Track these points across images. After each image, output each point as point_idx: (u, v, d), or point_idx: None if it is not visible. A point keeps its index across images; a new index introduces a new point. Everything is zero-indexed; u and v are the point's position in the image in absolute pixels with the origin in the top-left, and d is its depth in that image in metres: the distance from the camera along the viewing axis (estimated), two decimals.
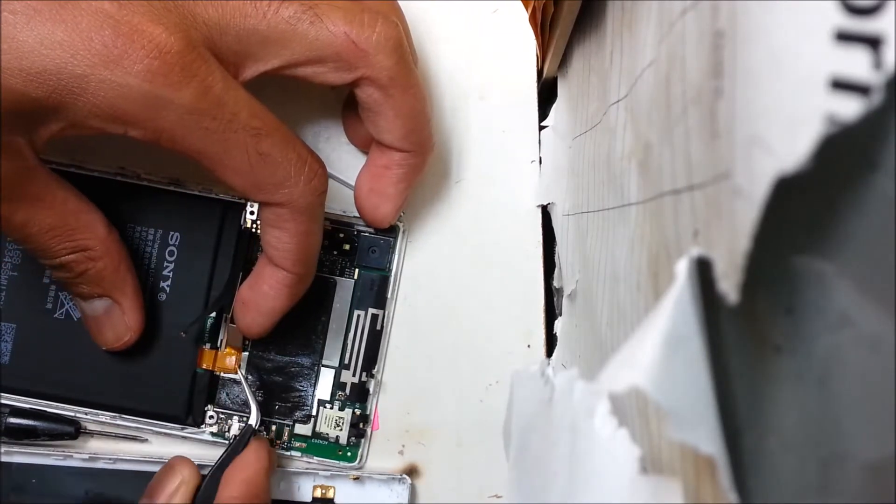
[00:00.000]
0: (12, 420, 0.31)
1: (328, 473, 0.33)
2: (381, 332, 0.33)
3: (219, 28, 0.25)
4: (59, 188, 0.27)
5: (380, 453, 0.34)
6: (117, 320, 0.30)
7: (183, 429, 0.32)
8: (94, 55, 0.23)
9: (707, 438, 0.15)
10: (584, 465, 0.18)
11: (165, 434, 0.32)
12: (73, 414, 0.32)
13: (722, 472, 0.15)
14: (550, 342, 0.35)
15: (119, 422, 0.32)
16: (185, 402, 0.32)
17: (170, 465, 0.30)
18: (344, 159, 0.34)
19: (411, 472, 0.34)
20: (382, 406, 0.34)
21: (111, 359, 0.31)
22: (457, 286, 0.35)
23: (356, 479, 0.33)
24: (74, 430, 0.32)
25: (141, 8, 0.24)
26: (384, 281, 0.33)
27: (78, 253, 0.27)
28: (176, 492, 0.29)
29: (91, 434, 0.32)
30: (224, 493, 0.29)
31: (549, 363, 0.34)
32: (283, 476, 0.33)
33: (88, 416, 0.32)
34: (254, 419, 0.31)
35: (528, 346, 0.35)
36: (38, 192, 0.26)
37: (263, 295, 0.29)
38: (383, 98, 0.28)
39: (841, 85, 0.11)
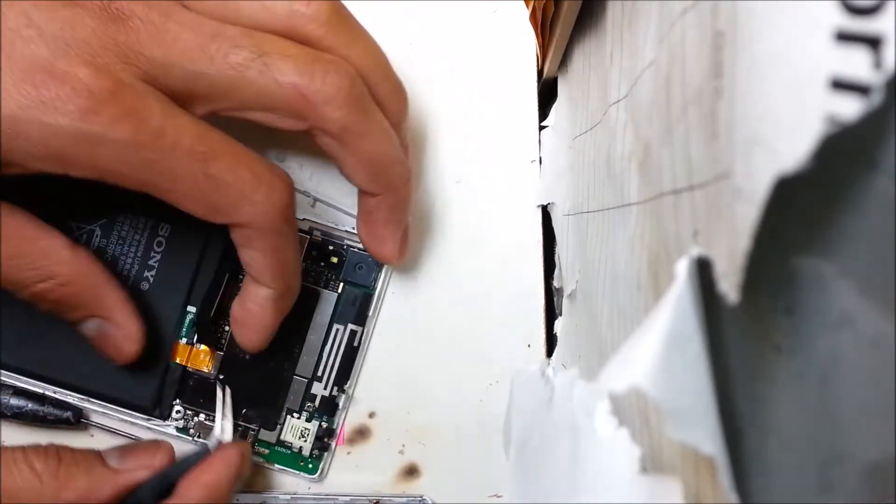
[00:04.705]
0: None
1: (347, 499, 0.33)
2: (357, 348, 0.33)
3: (164, 67, 0.25)
4: (11, 217, 0.26)
5: (380, 453, 0.34)
6: (115, 336, 0.29)
7: (149, 420, 0.32)
8: (24, 97, 0.23)
9: (707, 438, 0.15)
10: (585, 465, 0.18)
11: (130, 423, 0.32)
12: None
13: (722, 471, 0.15)
14: (550, 342, 0.35)
15: (86, 405, 0.32)
16: (155, 394, 0.32)
17: (156, 443, 0.29)
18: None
19: (411, 471, 0.34)
20: (383, 405, 0.34)
21: (81, 341, 0.30)
22: (457, 286, 0.34)
23: (376, 503, 0.33)
24: (73, 417, 0.32)
25: (76, 48, 0.24)
26: (367, 298, 0.33)
27: (47, 281, 0.27)
28: (139, 468, 0.28)
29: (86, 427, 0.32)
30: (184, 492, 0.28)
31: (549, 363, 0.34)
32: (302, 502, 0.33)
33: (57, 395, 0.31)
34: (218, 431, 0.30)
35: (528, 346, 0.35)
36: None
37: (251, 313, 0.29)
38: (339, 146, 0.28)
39: (841, 85, 0.11)
